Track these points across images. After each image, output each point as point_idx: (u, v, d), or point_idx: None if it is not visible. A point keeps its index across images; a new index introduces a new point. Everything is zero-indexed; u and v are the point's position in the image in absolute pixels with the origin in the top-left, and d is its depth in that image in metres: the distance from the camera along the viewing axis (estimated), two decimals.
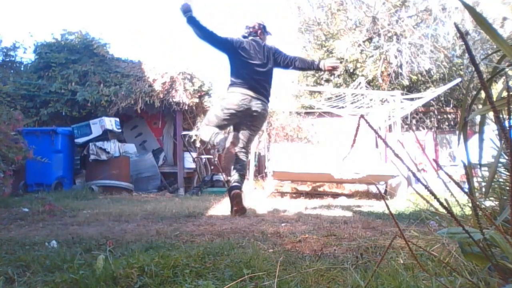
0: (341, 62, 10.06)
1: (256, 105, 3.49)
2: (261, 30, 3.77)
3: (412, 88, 10.25)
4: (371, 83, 10.09)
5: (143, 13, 31.22)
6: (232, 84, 3.57)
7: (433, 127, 10.26)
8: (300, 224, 2.82)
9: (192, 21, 3.40)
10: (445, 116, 10.53)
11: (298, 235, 2.25)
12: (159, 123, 8.84)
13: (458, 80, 8.56)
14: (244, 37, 3.72)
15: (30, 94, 7.79)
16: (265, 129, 8.09)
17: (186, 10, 3.40)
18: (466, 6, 0.97)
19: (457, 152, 8.09)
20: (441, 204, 0.93)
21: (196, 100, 7.87)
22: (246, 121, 3.57)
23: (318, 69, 3.66)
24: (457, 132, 1.44)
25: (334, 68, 3.62)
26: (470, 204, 1.22)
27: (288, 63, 3.64)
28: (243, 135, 3.61)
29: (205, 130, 3.63)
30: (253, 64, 3.56)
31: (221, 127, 3.62)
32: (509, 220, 1.10)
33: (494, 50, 3.53)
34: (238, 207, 3.38)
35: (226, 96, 3.60)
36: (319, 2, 11.04)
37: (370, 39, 10.41)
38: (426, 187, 0.93)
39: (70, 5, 29.72)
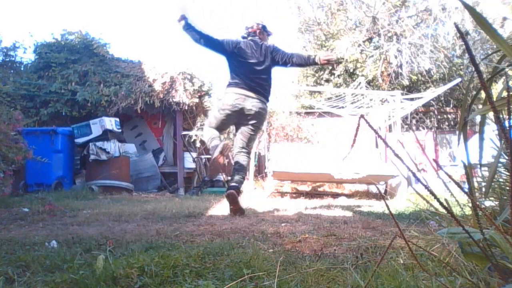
0: (341, 62, 10.07)
1: (251, 104, 3.50)
2: (260, 30, 3.79)
3: (412, 88, 10.25)
4: (371, 83, 10.09)
5: (143, 13, 31.24)
6: (228, 85, 3.63)
7: (433, 127, 10.26)
8: (300, 224, 2.82)
9: (188, 25, 3.47)
10: (445, 116, 10.53)
11: (298, 235, 2.25)
12: (159, 123, 8.84)
13: (458, 80, 8.56)
14: (244, 37, 3.75)
15: (30, 94, 7.79)
16: (265, 129, 8.08)
17: (184, 13, 3.46)
18: (466, 6, 0.97)
19: (457, 152, 8.09)
20: (441, 204, 0.93)
21: (196, 100, 7.87)
22: (244, 120, 3.59)
23: (314, 63, 3.64)
24: (457, 132, 1.44)
25: (329, 61, 3.57)
26: (470, 204, 1.22)
27: (286, 60, 3.64)
28: (242, 134, 3.63)
29: (205, 132, 3.73)
30: (250, 63, 3.58)
31: (220, 128, 3.70)
32: (509, 220, 1.10)
33: (494, 50, 3.53)
34: (234, 207, 3.40)
35: (222, 97, 3.67)
36: (319, 2, 11.05)
37: (370, 39, 10.40)
38: (426, 187, 0.93)
39: (70, 5, 29.74)
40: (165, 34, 29.55)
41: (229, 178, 3.66)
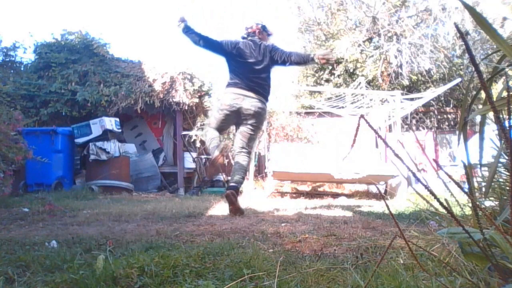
0: (341, 62, 10.07)
1: (250, 104, 3.51)
2: (259, 30, 3.80)
3: (412, 88, 10.25)
4: (371, 83, 10.09)
5: (143, 13, 31.23)
6: (228, 85, 3.66)
7: (433, 127, 10.26)
8: (300, 224, 2.82)
9: (188, 28, 3.52)
10: (445, 116, 10.53)
11: (298, 235, 2.25)
12: (159, 123, 8.84)
13: (458, 80, 8.56)
14: (244, 38, 3.77)
15: (30, 94, 7.79)
16: (265, 129, 8.08)
17: (183, 19, 3.54)
18: (466, 6, 0.97)
19: (457, 152, 8.09)
20: (441, 204, 0.93)
21: (196, 100, 7.87)
22: (243, 120, 3.60)
23: (313, 61, 3.61)
24: (457, 132, 1.44)
25: (328, 61, 3.54)
26: (470, 204, 1.22)
27: (285, 59, 3.64)
28: (242, 134, 3.63)
29: (206, 132, 3.76)
30: (248, 63, 3.60)
31: (220, 128, 3.72)
32: (509, 220, 1.10)
33: (494, 50, 3.53)
34: (233, 207, 3.41)
35: (221, 97, 3.70)
36: (319, 2, 11.04)
37: (370, 39, 10.40)
38: (426, 187, 0.93)
39: (70, 5, 29.74)
40: (165, 34, 29.55)
41: (229, 178, 3.66)
